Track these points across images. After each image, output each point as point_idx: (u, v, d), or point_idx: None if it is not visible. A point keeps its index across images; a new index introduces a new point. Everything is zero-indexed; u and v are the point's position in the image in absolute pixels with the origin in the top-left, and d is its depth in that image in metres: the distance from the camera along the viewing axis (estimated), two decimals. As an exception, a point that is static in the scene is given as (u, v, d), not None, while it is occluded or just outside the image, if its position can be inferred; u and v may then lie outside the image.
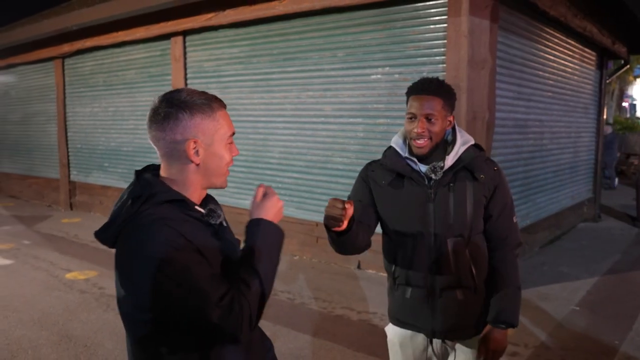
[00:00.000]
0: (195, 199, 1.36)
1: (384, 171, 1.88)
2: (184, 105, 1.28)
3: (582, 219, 8.06)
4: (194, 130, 1.28)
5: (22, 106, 10.49)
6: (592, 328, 4.00)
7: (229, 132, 1.34)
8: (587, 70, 7.69)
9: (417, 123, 1.75)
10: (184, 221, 1.25)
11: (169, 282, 1.17)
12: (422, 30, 4.84)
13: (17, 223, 8.21)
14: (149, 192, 1.27)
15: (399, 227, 1.84)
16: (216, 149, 1.32)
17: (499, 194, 1.84)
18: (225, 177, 1.38)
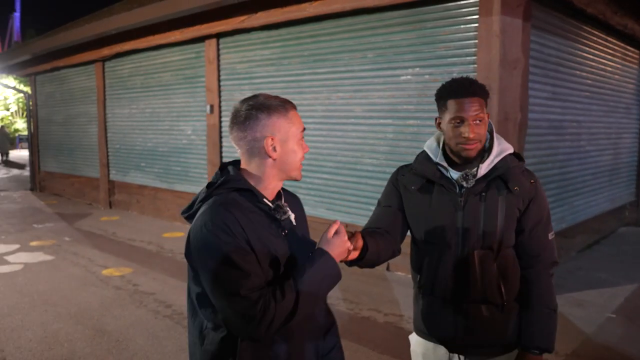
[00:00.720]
0: (270, 191, 1.50)
1: (414, 176, 1.82)
2: (262, 107, 1.44)
3: (623, 223, 7.77)
4: (271, 129, 1.44)
5: (65, 108, 10.90)
6: (628, 337, 3.85)
7: (300, 129, 1.49)
8: (630, 69, 7.41)
9: (468, 127, 1.66)
10: (248, 211, 1.41)
11: (210, 261, 1.33)
12: (452, 30, 4.78)
13: (59, 220, 8.55)
14: (223, 180, 1.45)
15: (426, 235, 1.77)
16: (290, 145, 1.47)
17: (533, 208, 1.74)
18: (299, 170, 1.51)
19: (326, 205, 6.04)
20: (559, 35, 5.36)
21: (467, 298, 1.73)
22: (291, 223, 1.53)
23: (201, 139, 7.63)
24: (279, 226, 1.48)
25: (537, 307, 1.73)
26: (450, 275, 1.73)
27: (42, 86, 11.69)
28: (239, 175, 1.48)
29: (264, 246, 1.39)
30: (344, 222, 5.79)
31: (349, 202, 5.80)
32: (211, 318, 1.43)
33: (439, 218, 1.74)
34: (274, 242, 1.43)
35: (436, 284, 1.77)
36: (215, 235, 1.33)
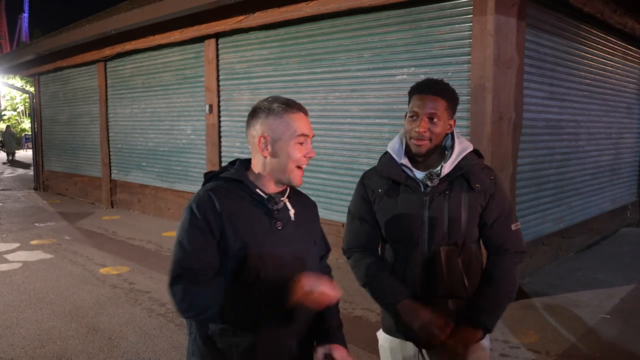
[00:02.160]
0: (270, 188, 1.57)
1: (380, 178, 1.86)
2: (263, 107, 1.54)
3: (625, 223, 7.71)
4: (266, 128, 1.52)
5: (68, 107, 10.98)
6: (622, 337, 3.82)
7: (298, 133, 1.51)
8: (631, 69, 7.35)
9: (419, 122, 1.74)
10: (240, 199, 1.52)
11: (178, 233, 1.51)
12: (447, 29, 4.77)
13: (61, 219, 8.61)
14: (220, 170, 1.61)
15: (395, 234, 1.83)
16: (282, 146, 1.52)
17: (493, 202, 1.81)
18: (293, 174, 1.54)
19: (323, 205, 6.04)
20: (556, 35, 5.33)
21: (434, 293, 1.77)
22: (289, 219, 1.57)
23: (201, 139, 7.66)
24: (273, 219, 1.54)
25: (494, 292, 1.78)
26: (418, 273, 1.79)
27: (46, 86, 11.78)
28: (237, 168, 1.59)
29: (243, 235, 1.48)
30: (340, 222, 5.83)
31: (345, 201, 5.79)
32: None
33: (406, 217, 1.79)
34: (259, 233, 1.50)
35: (405, 281, 1.81)
36: (191, 213, 1.48)
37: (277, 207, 1.54)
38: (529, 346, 3.67)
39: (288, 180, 1.55)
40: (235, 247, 1.49)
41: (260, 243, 1.50)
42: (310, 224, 1.66)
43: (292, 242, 1.56)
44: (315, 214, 1.72)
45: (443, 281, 1.76)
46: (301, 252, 1.59)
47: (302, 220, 1.61)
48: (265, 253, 1.51)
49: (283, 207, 1.57)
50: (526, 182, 5.07)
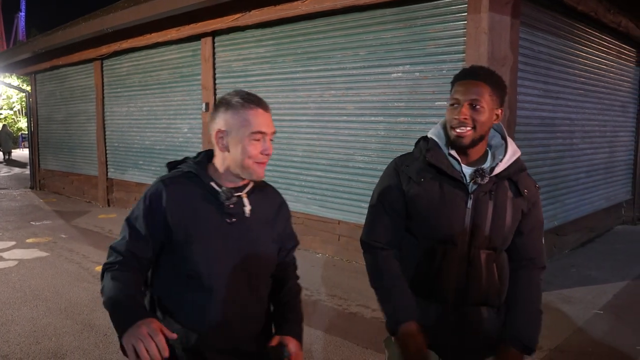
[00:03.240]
0: (230, 181, 1.58)
1: (422, 166, 1.68)
2: (223, 101, 1.55)
3: (619, 221, 7.76)
4: (223, 122, 1.52)
5: (65, 106, 10.97)
6: (614, 333, 3.86)
7: (254, 129, 1.50)
8: (626, 67, 7.39)
9: (460, 109, 1.59)
10: (193, 192, 1.53)
11: (130, 212, 1.57)
12: (442, 27, 4.79)
13: (57, 218, 8.60)
14: (179, 161, 1.64)
15: (431, 231, 1.65)
16: (236, 142, 1.51)
17: (535, 211, 1.71)
18: (249, 170, 1.52)
19: (319, 202, 6.06)
20: (550, 33, 5.36)
21: (469, 300, 1.65)
22: (243, 214, 1.56)
23: (197, 137, 7.67)
24: (224, 213, 1.53)
25: (529, 308, 1.69)
26: (454, 276, 1.64)
27: (42, 84, 11.76)
28: (198, 160, 1.60)
29: (190, 227, 1.50)
30: (336, 220, 5.85)
31: (341, 199, 5.82)
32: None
33: (448, 214, 1.63)
34: (207, 227, 1.51)
35: (436, 285, 1.66)
36: (142, 203, 1.54)
37: (229, 203, 1.53)
38: (522, 341, 3.69)
39: (248, 175, 1.54)
40: (179, 240, 1.49)
41: (206, 237, 1.50)
42: (271, 220, 1.64)
43: (243, 238, 1.54)
44: (282, 209, 1.70)
45: (481, 287, 1.64)
46: (253, 249, 1.56)
47: (260, 216, 1.59)
48: (211, 248, 1.50)
49: (238, 202, 1.55)
50: (520, 179, 5.09)
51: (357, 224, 5.68)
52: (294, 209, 6.29)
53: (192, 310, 1.51)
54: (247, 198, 1.58)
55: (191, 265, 1.49)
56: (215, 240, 1.51)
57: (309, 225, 6.23)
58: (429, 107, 4.98)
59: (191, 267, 1.50)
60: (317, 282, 5.10)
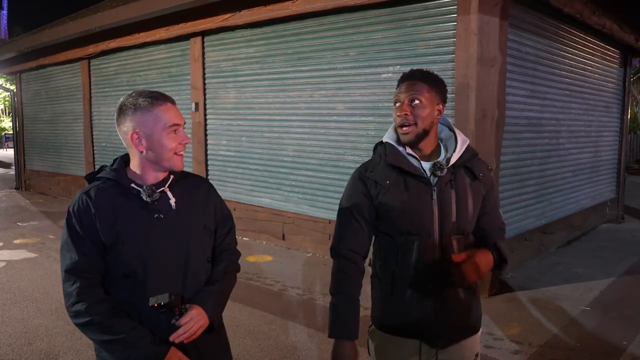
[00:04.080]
0: (151, 178, 1.62)
1: (385, 170, 1.76)
2: (128, 104, 1.57)
3: (604, 220, 7.90)
4: (136, 124, 1.56)
5: (51, 106, 10.86)
6: (601, 328, 3.94)
7: (169, 123, 1.56)
8: (609, 68, 7.53)
9: (401, 108, 1.71)
10: (116, 197, 1.56)
11: (62, 239, 1.59)
12: (432, 28, 4.85)
13: (44, 219, 8.52)
14: (96, 171, 1.65)
15: (406, 226, 1.73)
16: (156, 138, 1.56)
17: (492, 191, 1.85)
18: (173, 161, 1.59)
19: (309, 202, 6.09)
20: (537, 34, 5.45)
21: (448, 283, 1.70)
22: (170, 208, 1.61)
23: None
24: (151, 211, 1.57)
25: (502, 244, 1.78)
26: (430, 264, 1.72)
27: (28, 84, 11.62)
28: (115, 166, 1.64)
29: (120, 231, 1.53)
30: (327, 219, 5.88)
31: (331, 198, 5.85)
32: None
33: (417, 208, 1.72)
34: (137, 228, 1.55)
35: (416, 274, 1.73)
36: (69, 220, 1.55)
37: (153, 199, 1.57)
38: (513, 338, 3.76)
39: (170, 167, 1.60)
40: (112, 245, 1.53)
41: (138, 238, 1.55)
42: (199, 208, 1.69)
43: (174, 232, 1.60)
44: (207, 193, 1.75)
45: (457, 271, 1.68)
46: (185, 241, 1.62)
47: (187, 206, 1.65)
48: (145, 246, 1.55)
49: (162, 197, 1.60)
50: (509, 178, 5.18)
51: (347, 223, 5.71)
52: (284, 208, 6.35)
53: (132, 309, 1.56)
54: (170, 191, 1.63)
55: (126, 266, 1.54)
56: (146, 238, 1.55)
57: (299, 224, 6.25)
58: (419, 107, 5.02)
59: (126, 268, 1.54)
60: (309, 281, 5.13)
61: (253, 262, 5.76)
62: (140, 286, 1.55)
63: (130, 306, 1.56)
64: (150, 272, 1.55)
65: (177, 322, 1.55)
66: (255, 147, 6.63)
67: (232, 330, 3.79)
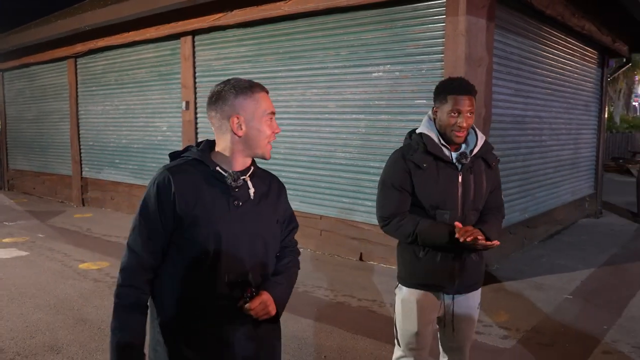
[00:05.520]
0: (237, 165, 1.64)
1: (423, 155, 2.18)
2: (231, 89, 1.60)
3: (583, 214, 8.19)
4: (237, 108, 1.59)
5: (36, 105, 10.78)
6: (584, 315, 4.16)
7: (267, 111, 1.61)
8: (588, 68, 7.82)
9: (463, 118, 2.10)
10: (199, 178, 1.58)
11: (141, 202, 1.61)
12: (421, 29, 5.02)
13: (31, 218, 8.48)
14: (182, 150, 1.68)
15: (436, 202, 2.17)
16: (256, 124, 1.60)
17: (497, 177, 2.34)
18: (266, 149, 1.64)
19: (301, 198, 6.21)
20: (521, 35, 5.67)
21: (464, 249, 2.15)
22: (248, 197, 1.63)
23: (177, 135, 7.70)
24: (231, 196, 1.59)
25: (496, 222, 2.28)
26: (454, 232, 2.10)
27: (11, 82, 11.50)
28: (201, 148, 1.65)
29: (198, 212, 1.55)
30: (318, 215, 6.01)
31: (323, 194, 5.99)
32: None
33: (445, 188, 2.17)
34: (215, 211, 1.57)
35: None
36: (148, 193, 1.59)
37: (236, 185, 1.59)
38: (501, 324, 3.95)
39: (262, 154, 1.64)
40: (189, 225, 1.54)
41: (215, 220, 1.56)
42: (273, 202, 1.71)
43: (250, 221, 1.61)
44: (281, 192, 1.78)
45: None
46: (259, 231, 1.64)
47: (263, 199, 1.67)
48: (221, 231, 1.56)
49: (243, 186, 1.61)
50: (495, 174, 5.37)
51: (338, 219, 5.86)
52: (276, 205, 6.46)
53: (201, 291, 1.57)
54: (250, 181, 1.65)
55: (200, 249, 1.55)
56: (223, 223, 1.57)
57: (291, 220, 6.36)
58: (409, 105, 5.20)
59: (200, 251, 1.55)
60: (302, 274, 5.18)
61: (246, 258, 5.85)
62: (211, 270, 1.56)
63: (200, 289, 1.57)
64: (223, 256, 1.56)
65: (247, 305, 1.56)
66: (247, 145, 6.72)
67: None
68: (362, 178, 5.62)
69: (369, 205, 5.57)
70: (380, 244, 5.49)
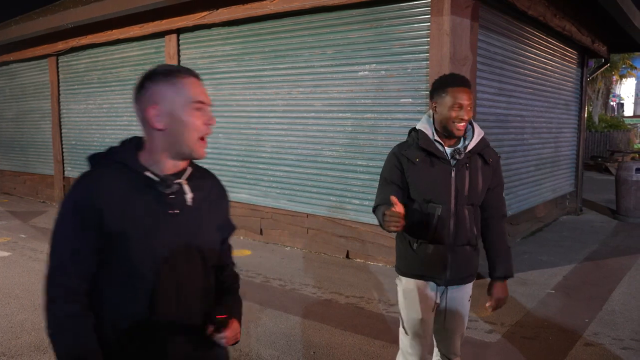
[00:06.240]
0: (167, 167, 1.39)
1: (416, 150, 2.22)
2: (148, 75, 1.38)
3: (564, 212, 8.35)
4: (155, 97, 1.35)
5: (16, 103, 10.60)
6: (566, 308, 4.25)
7: (193, 99, 1.35)
8: (568, 68, 7.97)
9: (464, 111, 2.13)
10: (124, 184, 1.33)
11: (54, 228, 1.35)
12: (406, 28, 5.07)
13: (12, 218, 8.35)
14: (105, 152, 1.41)
15: (430, 196, 2.21)
16: (178, 115, 1.34)
17: (497, 174, 2.34)
18: (196, 146, 1.38)
19: (288, 197, 6.23)
20: (504, 35, 5.76)
21: (459, 241, 2.23)
22: (185, 203, 1.40)
23: (161, 134, 7.64)
24: (165, 204, 1.37)
25: (500, 246, 2.34)
26: (448, 225, 2.21)
27: (-10, 81, 11.30)
28: (125, 148, 1.41)
29: (128, 226, 1.32)
30: (305, 213, 6.04)
31: (310, 193, 6.01)
32: None
33: (438, 183, 2.20)
34: (147, 222, 1.34)
35: (437, 233, 2.22)
36: (65, 208, 1.34)
37: (170, 191, 1.37)
38: (486, 319, 4.02)
39: (190, 153, 1.38)
40: (117, 241, 1.32)
41: (149, 234, 1.34)
42: (215, 206, 1.51)
43: (188, 231, 1.40)
44: (223, 194, 1.58)
45: (465, 232, 2.23)
46: (199, 241, 1.43)
47: (203, 204, 1.45)
48: (156, 244, 1.35)
49: (179, 191, 1.39)
50: (479, 172, 5.46)
51: (325, 217, 5.89)
52: (262, 203, 6.48)
53: (139, 311, 1.36)
54: (187, 185, 1.42)
55: (132, 265, 1.33)
56: (157, 235, 1.35)
57: (277, 219, 6.39)
58: (395, 103, 5.25)
59: (131, 267, 1.34)
60: (289, 273, 5.27)
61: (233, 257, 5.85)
62: (145, 288, 1.35)
63: (136, 309, 1.35)
64: (158, 272, 1.35)
65: (221, 335, 1.42)
66: (233, 143, 6.72)
67: (220, 319, 3.90)
68: (348, 176, 5.66)
69: (355, 204, 5.62)
70: (367, 242, 5.54)
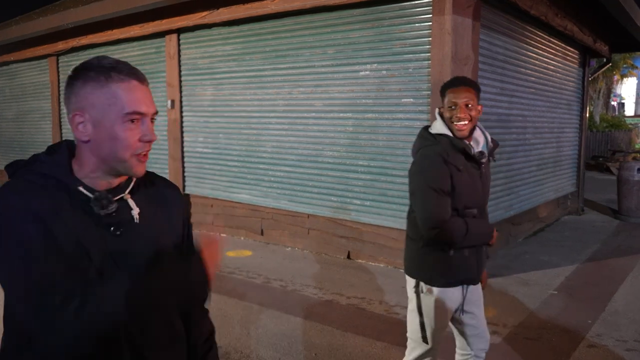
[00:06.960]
0: (102, 182, 1.15)
1: (456, 155, 2.17)
2: (79, 73, 1.11)
3: (565, 212, 8.32)
4: (83, 102, 1.10)
5: (16, 103, 10.59)
6: (568, 309, 4.23)
7: (128, 109, 1.09)
8: (570, 68, 7.94)
9: (459, 109, 2.12)
10: (56, 198, 1.08)
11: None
12: (408, 28, 5.05)
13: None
14: (27, 160, 1.16)
15: (467, 201, 2.23)
16: (107, 127, 1.09)
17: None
18: (129, 164, 1.12)
19: (288, 197, 6.21)
20: (506, 35, 5.74)
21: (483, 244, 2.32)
22: (132, 221, 1.16)
23: (162, 134, 7.63)
24: (105, 225, 1.12)
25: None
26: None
27: (-9, 81, 11.29)
28: (56, 156, 1.15)
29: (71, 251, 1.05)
30: (305, 214, 6.02)
31: (310, 193, 5.99)
32: None
33: (473, 187, 2.24)
34: (86, 243, 1.08)
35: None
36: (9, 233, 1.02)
37: (108, 211, 1.11)
38: (488, 320, 3.94)
39: (125, 170, 1.14)
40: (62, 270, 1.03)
41: (91, 259, 1.08)
42: (169, 220, 1.26)
43: (137, 253, 1.14)
44: (177, 201, 1.32)
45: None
46: (152, 265, 1.14)
47: (154, 220, 1.21)
48: (100, 271, 1.08)
49: (122, 206, 1.15)
50: (480, 172, 5.44)
51: (326, 218, 5.87)
52: (263, 204, 6.46)
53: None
54: (132, 198, 1.18)
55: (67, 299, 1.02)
56: (101, 261, 1.09)
57: (278, 219, 6.37)
58: (396, 103, 5.23)
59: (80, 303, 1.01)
60: (290, 273, 5.25)
61: (233, 257, 5.84)
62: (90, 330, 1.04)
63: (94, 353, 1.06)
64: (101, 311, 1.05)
65: None
66: (233, 143, 6.71)
67: (220, 319, 3.89)
68: (349, 177, 5.64)
69: (356, 204, 5.60)
70: (368, 242, 5.52)
